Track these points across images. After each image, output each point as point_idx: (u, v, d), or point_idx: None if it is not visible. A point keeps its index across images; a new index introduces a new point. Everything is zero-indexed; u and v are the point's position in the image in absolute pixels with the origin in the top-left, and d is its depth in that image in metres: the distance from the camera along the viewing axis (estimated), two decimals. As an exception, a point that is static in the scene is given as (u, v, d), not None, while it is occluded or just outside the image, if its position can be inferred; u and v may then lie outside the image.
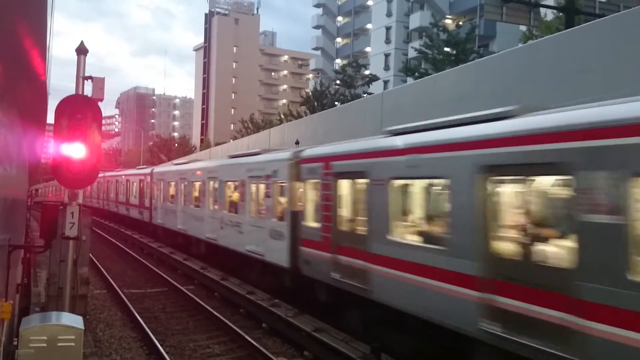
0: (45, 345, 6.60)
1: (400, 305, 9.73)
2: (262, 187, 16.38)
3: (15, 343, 6.85)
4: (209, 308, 14.68)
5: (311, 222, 13.25)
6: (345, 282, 11.40)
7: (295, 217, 14.04)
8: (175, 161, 36.99)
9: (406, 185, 10.20)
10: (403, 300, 9.65)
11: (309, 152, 14.06)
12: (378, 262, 10.26)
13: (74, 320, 7.12)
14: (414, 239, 9.71)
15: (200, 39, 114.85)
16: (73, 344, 6.73)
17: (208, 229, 21.04)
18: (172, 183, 26.62)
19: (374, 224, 10.51)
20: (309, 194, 13.50)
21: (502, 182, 7.82)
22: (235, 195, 18.81)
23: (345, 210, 11.92)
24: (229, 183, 19.44)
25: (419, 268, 9.11)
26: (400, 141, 10.02)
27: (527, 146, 7.19)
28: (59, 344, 6.66)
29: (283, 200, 15.10)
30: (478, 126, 8.34)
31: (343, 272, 11.55)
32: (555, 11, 26.35)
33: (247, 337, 11.96)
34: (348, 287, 11.30)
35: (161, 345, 11.45)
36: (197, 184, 23.08)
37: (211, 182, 21.07)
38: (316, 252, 12.72)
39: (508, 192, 7.79)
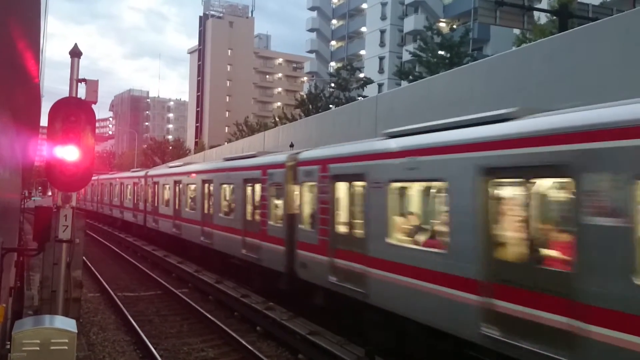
0: (38, 348, 6.56)
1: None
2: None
3: (8, 347, 6.80)
4: (203, 311, 14.64)
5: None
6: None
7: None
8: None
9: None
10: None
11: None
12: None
13: (67, 324, 7.08)
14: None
15: (193, 42, 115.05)
16: (66, 347, 6.69)
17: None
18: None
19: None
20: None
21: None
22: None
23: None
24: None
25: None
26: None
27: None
28: (52, 348, 6.62)
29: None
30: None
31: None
32: (548, 15, 26.49)
33: (241, 340, 11.94)
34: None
35: (155, 349, 11.42)
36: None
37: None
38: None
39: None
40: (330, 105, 47.90)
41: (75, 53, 9.18)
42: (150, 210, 28.90)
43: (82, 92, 9.47)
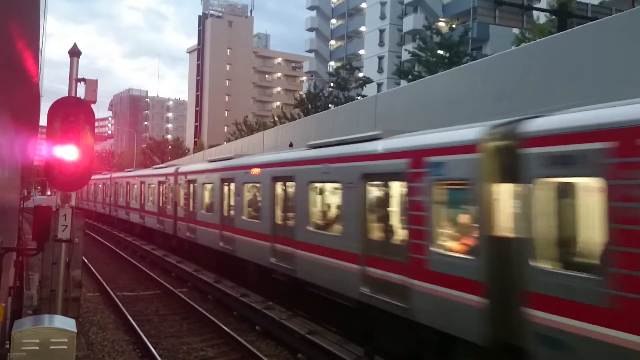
0: (37, 348, 6.57)
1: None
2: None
3: (7, 346, 6.81)
4: (203, 311, 14.65)
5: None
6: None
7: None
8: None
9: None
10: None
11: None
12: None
13: (67, 323, 7.08)
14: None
15: (192, 41, 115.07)
16: (66, 347, 6.70)
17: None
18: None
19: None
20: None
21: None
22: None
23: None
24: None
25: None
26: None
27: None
28: (52, 347, 6.62)
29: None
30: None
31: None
32: (547, 14, 26.50)
33: (240, 339, 11.95)
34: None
35: (154, 348, 11.43)
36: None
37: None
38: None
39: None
40: (330, 105, 47.91)
41: (75, 52, 9.19)
42: (184, 217, 22.92)
43: (81, 91, 9.48)
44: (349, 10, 77.05)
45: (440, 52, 36.41)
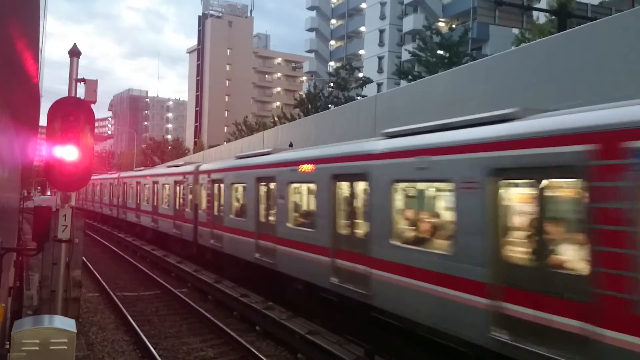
0: (37, 348, 6.56)
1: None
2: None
3: (7, 346, 6.81)
4: (203, 311, 14.65)
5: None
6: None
7: None
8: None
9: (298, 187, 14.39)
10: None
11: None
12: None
13: (67, 323, 7.08)
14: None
15: (191, 41, 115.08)
16: (65, 347, 6.69)
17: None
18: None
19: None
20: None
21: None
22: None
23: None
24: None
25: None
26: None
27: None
28: (52, 347, 6.62)
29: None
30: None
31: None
32: (547, 14, 26.50)
33: (240, 340, 11.95)
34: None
35: (154, 349, 11.43)
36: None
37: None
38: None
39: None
40: (330, 105, 47.89)
41: (75, 53, 9.18)
42: (206, 222, 20.33)
43: (81, 91, 9.47)
44: (349, 10, 77.05)
45: (440, 52, 36.41)
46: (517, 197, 7.81)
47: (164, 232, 26.24)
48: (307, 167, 13.14)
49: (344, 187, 11.82)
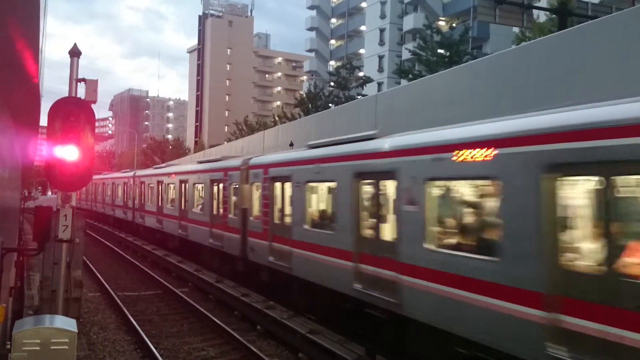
0: (38, 348, 6.57)
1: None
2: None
3: (8, 347, 6.81)
4: (204, 310, 14.66)
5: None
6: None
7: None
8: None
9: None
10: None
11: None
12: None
13: (68, 323, 7.09)
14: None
15: (191, 41, 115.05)
16: (66, 347, 6.70)
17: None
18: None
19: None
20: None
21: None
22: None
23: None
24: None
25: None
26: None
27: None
28: (53, 347, 6.62)
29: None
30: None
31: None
32: (547, 13, 26.48)
33: (241, 339, 11.96)
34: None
35: (155, 348, 11.43)
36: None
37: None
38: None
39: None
40: (330, 104, 47.86)
41: (75, 53, 9.19)
42: (261, 232, 15.70)
43: (81, 91, 9.48)
44: (349, 9, 77.01)
45: (440, 51, 36.37)
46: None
47: (195, 241, 21.95)
48: (468, 156, 8.41)
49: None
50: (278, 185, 15.07)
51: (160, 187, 27.73)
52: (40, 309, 10.72)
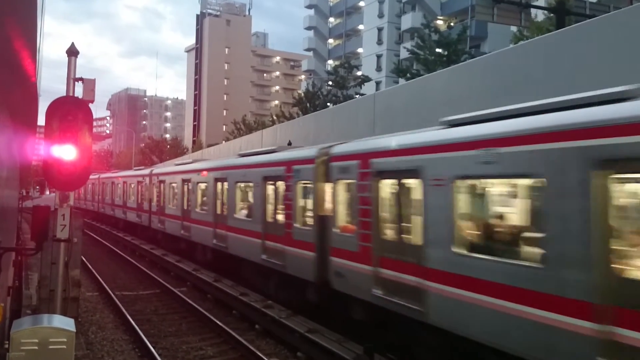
0: (36, 348, 6.56)
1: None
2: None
3: (6, 346, 6.80)
4: (202, 310, 14.64)
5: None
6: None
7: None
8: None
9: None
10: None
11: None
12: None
13: (66, 323, 7.08)
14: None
15: (189, 40, 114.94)
16: (65, 346, 6.69)
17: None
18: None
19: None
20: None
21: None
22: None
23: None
24: None
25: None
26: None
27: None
28: (51, 347, 6.61)
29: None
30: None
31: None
32: (545, 12, 26.50)
33: (240, 338, 11.95)
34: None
35: (154, 348, 11.42)
36: None
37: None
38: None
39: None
40: (328, 104, 47.87)
41: (72, 52, 9.15)
42: (359, 253, 11.07)
43: (79, 91, 9.45)
44: (347, 8, 76.96)
45: (438, 50, 36.39)
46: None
47: (238, 255, 17.32)
48: None
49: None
50: (390, 183, 10.46)
51: (186, 186, 23.00)
52: (39, 308, 10.71)
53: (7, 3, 4.48)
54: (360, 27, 71.85)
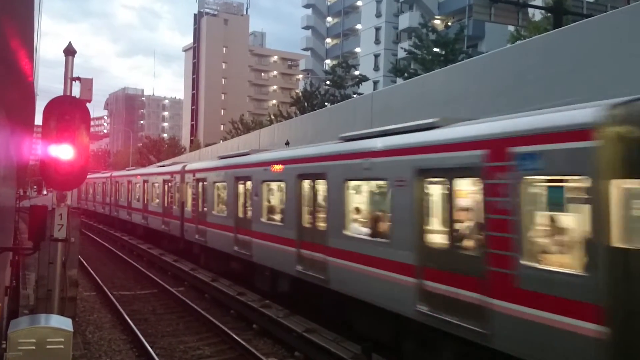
0: (34, 347, 6.55)
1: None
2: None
3: (3, 346, 6.79)
4: (200, 309, 14.63)
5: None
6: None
7: None
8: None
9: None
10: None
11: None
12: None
13: (63, 323, 7.07)
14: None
15: (186, 39, 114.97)
16: (62, 346, 6.69)
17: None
18: None
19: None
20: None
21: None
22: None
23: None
24: None
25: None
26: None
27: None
28: (48, 347, 6.61)
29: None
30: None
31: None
32: (543, 11, 26.53)
33: (237, 338, 11.94)
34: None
35: (151, 347, 11.40)
36: None
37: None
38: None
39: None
40: (326, 103, 47.85)
41: (70, 51, 9.14)
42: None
43: (76, 90, 9.44)
44: (345, 8, 76.98)
45: (436, 49, 36.40)
46: None
47: (313, 283, 12.59)
48: None
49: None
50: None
51: (242, 186, 17.11)
52: (36, 308, 10.70)
53: (3, 2, 4.47)
54: (358, 26, 71.88)
